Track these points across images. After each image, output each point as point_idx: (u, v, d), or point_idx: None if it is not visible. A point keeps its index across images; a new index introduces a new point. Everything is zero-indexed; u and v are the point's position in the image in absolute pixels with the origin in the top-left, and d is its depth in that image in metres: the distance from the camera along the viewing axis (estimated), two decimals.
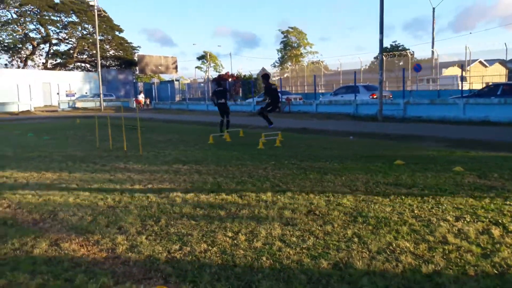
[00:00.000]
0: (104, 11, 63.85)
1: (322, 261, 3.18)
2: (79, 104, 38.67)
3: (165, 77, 68.48)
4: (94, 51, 68.90)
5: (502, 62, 50.83)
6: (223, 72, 54.31)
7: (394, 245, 3.48)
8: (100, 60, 66.10)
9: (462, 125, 15.23)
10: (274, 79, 46.86)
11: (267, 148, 9.75)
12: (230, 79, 42.96)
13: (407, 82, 39.77)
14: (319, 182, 5.94)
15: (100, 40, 66.37)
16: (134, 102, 36.36)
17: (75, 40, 65.80)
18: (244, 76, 44.91)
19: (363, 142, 10.91)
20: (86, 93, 52.34)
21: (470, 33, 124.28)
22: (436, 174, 6.30)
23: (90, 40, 66.96)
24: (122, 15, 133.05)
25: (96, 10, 32.97)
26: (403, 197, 4.98)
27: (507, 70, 47.18)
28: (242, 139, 12.03)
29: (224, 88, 13.59)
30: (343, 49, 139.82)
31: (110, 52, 67.95)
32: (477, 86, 41.63)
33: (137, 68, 66.27)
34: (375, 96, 18.57)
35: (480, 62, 54.35)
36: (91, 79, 55.12)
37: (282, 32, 58.21)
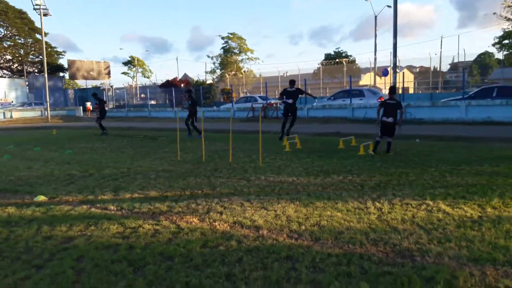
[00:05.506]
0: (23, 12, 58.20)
1: None
2: (16, 114, 34.41)
3: (92, 83, 63.83)
4: (10, 57, 62.22)
5: (409, 68, 57.10)
6: (169, 78, 52.09)
7: None
8: (24, 65, 59.93)
9: (468, 125, 16.18)
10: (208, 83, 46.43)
11: (370, 154, 9.40)
12: (182, 85, 41.42)
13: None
14: None
15: (22, 44, 60.30)
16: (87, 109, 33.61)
17: None
18: (197, 81, 43.53)
19: (434, 144, 10.98)
20: (12, 101, 46.90)
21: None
22: None
23: (7, 44, 60.32)
24: None
25: (41, 10, 29.58)
26: None
27: (413, 75, 53.81)
28: (308, 145, 11.40)
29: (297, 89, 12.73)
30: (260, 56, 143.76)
31: (31, 57, 61.90)
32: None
33: (65, 74, 61.24)
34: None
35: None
36: (17, 86, 49.61)
37: (222, 38, 57.57)
